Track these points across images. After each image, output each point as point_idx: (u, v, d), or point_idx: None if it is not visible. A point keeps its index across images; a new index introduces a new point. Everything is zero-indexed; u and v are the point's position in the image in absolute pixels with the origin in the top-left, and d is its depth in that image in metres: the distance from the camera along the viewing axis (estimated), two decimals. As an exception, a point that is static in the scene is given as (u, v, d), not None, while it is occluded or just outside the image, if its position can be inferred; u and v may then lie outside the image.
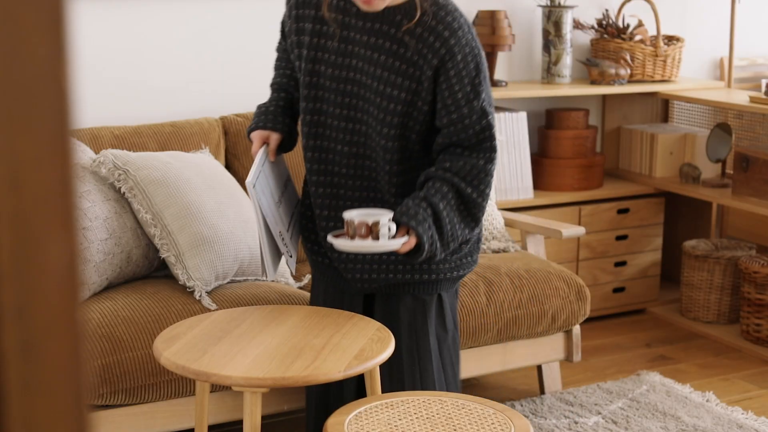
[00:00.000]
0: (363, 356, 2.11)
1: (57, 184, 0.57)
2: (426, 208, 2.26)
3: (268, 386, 2.03)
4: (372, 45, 2.32)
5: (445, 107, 2.30)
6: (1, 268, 0.56)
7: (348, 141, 2.37)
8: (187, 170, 2.90)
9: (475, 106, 2.30)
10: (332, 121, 2.38)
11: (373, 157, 2.36)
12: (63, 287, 0.58)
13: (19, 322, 0.57)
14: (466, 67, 2.28)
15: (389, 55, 2.30)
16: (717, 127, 4.08)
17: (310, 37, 2.37)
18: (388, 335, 2.22)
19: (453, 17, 2.29)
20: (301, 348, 2.15)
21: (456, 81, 2.28)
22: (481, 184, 2.32)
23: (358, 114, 2.35)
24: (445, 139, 2.33)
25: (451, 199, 2.30)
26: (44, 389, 0.58)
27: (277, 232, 2.37)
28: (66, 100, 0.57)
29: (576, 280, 3.18)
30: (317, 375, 2.03)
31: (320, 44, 2.36)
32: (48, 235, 0.57)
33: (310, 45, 2.37)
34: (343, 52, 2.35)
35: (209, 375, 2.03)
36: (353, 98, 2.35)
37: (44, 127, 0.56)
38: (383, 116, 2.31)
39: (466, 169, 2.31)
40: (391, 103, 2.30)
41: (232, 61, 3.55)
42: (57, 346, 0.58)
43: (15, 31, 0.55)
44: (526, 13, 4.11)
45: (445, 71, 2.28)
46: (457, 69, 2.28)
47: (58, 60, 0.56)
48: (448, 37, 2.27)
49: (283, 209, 2.46)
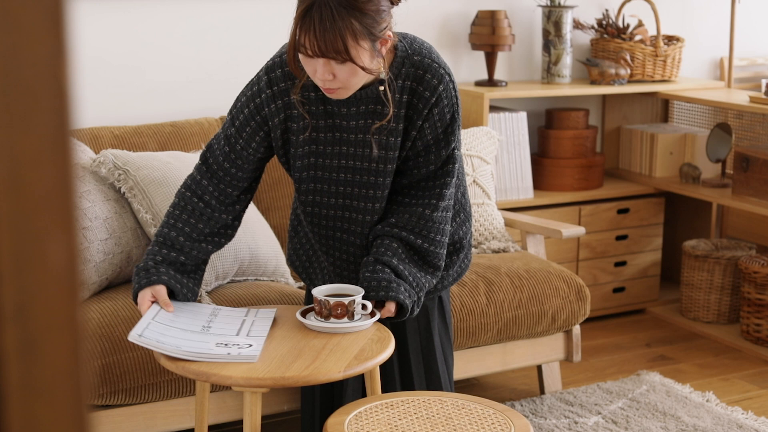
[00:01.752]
0: (363, 356, 2.11)
1: (57, 184, 0.57)
2: (384, 270, 2.24)
3: (268, 386, 2.02)
4: (360, 127, 2.26)
5: (414, 148, 2.27)
6: (1, 268, 0.56)
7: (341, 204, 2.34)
8: (187, 170, 2.90)
9: (442, 154, 2.28)
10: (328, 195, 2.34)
11: (362, 207, 2.33)
12: (63, 287, 0.58)
13: (19, 322, 0.57)
14: (442, 117, 2.25)
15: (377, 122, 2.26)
16: (717, 127, 4.08)
17: (298, 131, 2.28)
18: (388, 335, 2.22)
19: (438, 63, 2.25)
20: (301, 348, 2.14)
21: (430, 127, 2.25)
22: (430, 232, 2.28)
23: (354, 190, 2.32)
24: (403, 179, 2.30)
25: (401, 253, 2.27)
26: (44, 389, 0.58)
27: (212, 346, 2.11)
28: (66, 100, 0.57)
29: (576, 280, 3.18)
30: (317, 375, 2.02)
31: (312, 137, 2.28)
32: (48, 235, 0.57)
33: (302, 139, 2.28)
34: (332, 141, 2.28)
35: (209, 375, 2.02)
36: (346, 183, 2.31)
37: (44, 127, 0.56)
38: (382, 179, 2.29)
39: (412, 221, 2.28)
40: (388, 164, 2.28)
41: (232, 61, 3.55)
42: (57, 346, 0.58)
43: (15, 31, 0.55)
44: (526, 13, 4.11)
45: (430, 116, 2.25)
46: (438, 116, 2.25)
47: (58, 60, 0.56)
48: (436, 85, 2.23)
49: (221, 322, 2.25)
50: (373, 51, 2.12)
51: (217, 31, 3.51)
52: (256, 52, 3.56)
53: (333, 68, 2.10)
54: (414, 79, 2.23)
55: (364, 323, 2.20)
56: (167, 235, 2.30)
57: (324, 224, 2.37)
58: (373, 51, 2.12)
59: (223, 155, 2.32)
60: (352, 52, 2.07)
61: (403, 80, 2.23)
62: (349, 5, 2.04)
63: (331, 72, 2.11)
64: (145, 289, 2.22)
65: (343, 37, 2.05)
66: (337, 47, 2.05)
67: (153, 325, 2.12)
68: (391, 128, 2.25)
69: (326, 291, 2.23)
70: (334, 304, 2.18)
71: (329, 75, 2.11)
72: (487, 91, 3.77)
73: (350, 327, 2.18)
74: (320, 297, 2.19)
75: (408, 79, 2.23)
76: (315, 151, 2.28)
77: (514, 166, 3.88)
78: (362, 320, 2.20)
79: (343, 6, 2.04)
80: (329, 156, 2.29)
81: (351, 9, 2.04)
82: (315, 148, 2.28)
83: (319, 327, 2.20)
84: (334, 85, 2.13)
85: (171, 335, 2.10)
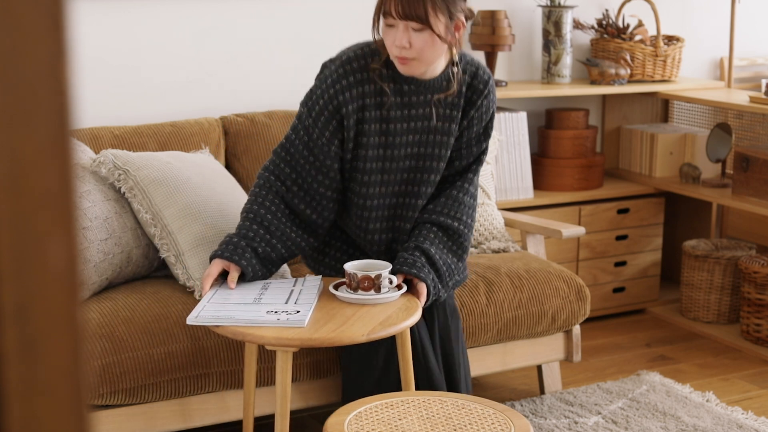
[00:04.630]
0: (387, 322, 2.29)
1: (57, 184, 0.57)
2: (420, 256, 2.50)
3: (297, 346, 2.21)
4: (427, 114, 2.57)
5: (460, 139, 2.61)
6: (1, 268, 0.56)
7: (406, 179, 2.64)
8: (187, 170, 2.90)
9: (481, 147, 2.63)
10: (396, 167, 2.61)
11: (417, 192, 2.63)
12: (63, 287, 0.58)
13: (20, 322, 0.57)
14: (488, 110, 2.61)
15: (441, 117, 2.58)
16: (717, 127, 4.08)
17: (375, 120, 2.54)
18: (414, 305, 2.40)
19: (487, 74, 2.61)
20: (333, 315, 2.33)
21: (477, 119, 2.60)
22: (462, 214, 2.60)
23: (417, 176, 2.62)
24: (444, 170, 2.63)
25: (435, 239, 2.56)
26: (44, 389, 0.59)
27: (263, 314, 2.32)
28: (66, 100, 0.57)
29: (576, 280, 3.18)
30: (341, 338, 2.21)
31: (384, 117, 2.54)
32: (48, 235, 0.57)
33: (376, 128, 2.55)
34: (402, 118, 2.55)
35: (245, 335, 2.23)
36: (410, 170, 2.61)
37: (44, 127, 0.56)
38: (437, 164, 2.61)
39: (448, 203, 2.60)
40: (444, 150, 2.60)
41: (232, 61, 3.55)
42: (57, 346, 0.58)
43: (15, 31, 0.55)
44: (526, 13, 4.11)
45: (480, 107, 2.59)
46: (485, 108, 2.60)
47: (58, 60, 0.56)
48: (487, 81, 2.58)
49: (271, 293, 2.46)
50: (448, 28, 2.41)
51: (217, 31, 3.51)
52: (256, 52, 3.56)
53: (411, 36, 2.39)
54: (470, 73, 2.57)
55: (390, 295, 2.40)
56: (257, 212, 2.53)
57: (375, 216, 2.61)
58: (448, 28, 2.41)
59: (303, 144, 2.53)
60: (431, 20, 2.37)
61: (462, 72, 2.55)
62: None
63: (408, 39, 2.39)
64: (223, 260, 2.45)
65: (425, 4, 2.36)
66: (418, 11, 2.36)
67: (208, 306, 2.34)
68: (452, 116, 2.56)
69: (357, 266, 2.43)
70: (362, 277, 2.39)
71: (407, 42, 2.39)
72: (487, 91, 3.77)
73: (376, 299, 2.39)
74: (350, 270, 2.40)
75: (466, 72, 2.56)
76: (385, 143, 2.54)
77: (514, 166, 3.88)
78: (388, 293, 2.40)
79: None
80: (398, 146, 2.55)
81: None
82: (385, 139, 2.54)
83: (347, 298, 2.40)
84: (409, 54, 2.41)
85: (226, 310, 2.32)
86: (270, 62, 3.60)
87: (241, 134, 3.29)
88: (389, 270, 2.42)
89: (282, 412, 2.27)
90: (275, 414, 2.30)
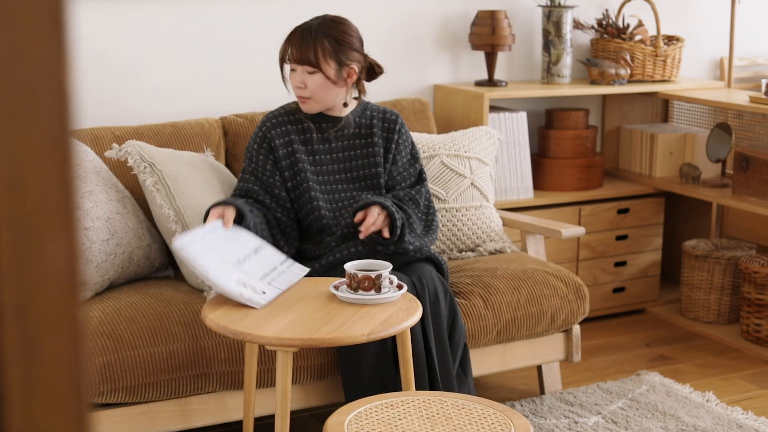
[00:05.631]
0: (388, 322, 2.28)
1: (57, 184, 0.57)
2: (387, 198, 2.77)
3: (297, 346, 2.22)
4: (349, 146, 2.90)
5: (396, 163, 2.91)
6: (1, 268, 0.56)
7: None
8: (211, 173, 2.96)
9: (417, 166, 2.95)
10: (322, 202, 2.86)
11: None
12: (63, 287, 0.58)
13: (20, 321, 0.57)
14: (408, 138, 2.96)
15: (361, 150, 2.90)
16: (717, 127, 4.08)
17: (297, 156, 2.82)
18: (416, 305, 2.41)
19: (394, 113, 2.95)
20: (333, 315, 2.33)
21: (403, 144, 2.93)
22: (417, 194, 2.86)
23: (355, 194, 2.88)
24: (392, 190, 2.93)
25: (408, 199, 2.82)
26: (45, 388, 0.59)
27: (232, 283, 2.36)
28: (66, 100, 0.57)
29: (574, 278, 3.18)
30: (342, 338, 2.21)
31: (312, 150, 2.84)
32: (48, 235, 0.57)
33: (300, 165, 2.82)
34: (330, 154, 2.85)
35: (245, 335, 2.23)
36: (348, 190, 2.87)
37: (44, 127, 0.57)
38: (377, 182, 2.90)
39: (410, 192, 2.87)
40: (380, 179, 2.89)
41: (232, 61, 3.55)
42: (57, 346, 0.58)
43: (15, 31, 0.55)
44: (526, 13, 4.11)
45: (401, 134, 2.93)
46: (405, 135, 2.95)
47: (58, 60, 0.56)
48: (398, 115, 2.94)
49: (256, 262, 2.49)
50: (339, 73, 2.75)
51: (217, 31, 3.51)
52: (256, 52, 3.56)
53: (306, 78, 2.74)
54: (379, 111, 2.93)
55: (391, 295, 2.41)
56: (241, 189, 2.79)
57: (328, 223, 2.80)
58: (339, 73, 2.75)
59: (253, 180, 2.79)
60: (322, 65, 2.73)
61: (370, 114, 2.91)
62: (325, 30, 2.73)
63: (303, 81, 2.74)
64: (218, 206, 2.59)
65: (315, 50, 2.72)
66: (309, 56, 2.72)
67: (198, 243, 2.34)
68: (372, 142, 2.88)
69: (357, 266, 2.43)
70: (362, 277, 2.39)
71: (302, 83, 2.74)
72: (487, 91, 3.77)
73: (376, 299, 2.39)
74: (351, 270, 2.40)
75: (375, 111, 2.93)
76: (319, 171, 2.82)
77: (514, 166, 3.88)
78: (389, 293, 2.40)
79: (322, 30, 2.73)
80: (330, 173, 2.84)
81: (326, 33, 2.73)
82: (318, 168, 2.82)
83: (347, 298, 2.40)
84: (305, 93, 2.76)
85: (207, 259, 2.32)
86: (270, 62, 3.60)
87: (241, 134, 3.29)
88: (390, 270, 2.43)
89: (282, 412, 2.27)
90: (275, 414, 2.30)
